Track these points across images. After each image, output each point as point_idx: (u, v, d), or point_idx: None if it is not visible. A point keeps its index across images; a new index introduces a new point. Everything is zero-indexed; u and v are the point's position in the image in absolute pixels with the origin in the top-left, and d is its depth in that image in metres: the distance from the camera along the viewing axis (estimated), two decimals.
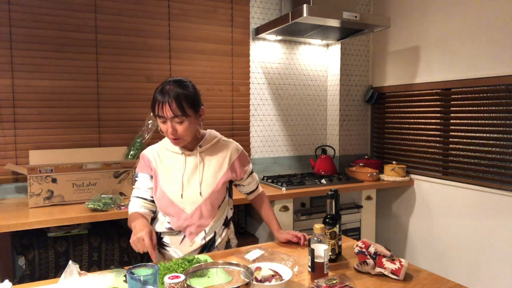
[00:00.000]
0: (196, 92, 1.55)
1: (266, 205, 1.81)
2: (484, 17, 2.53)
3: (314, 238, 1.32)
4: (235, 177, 1.68)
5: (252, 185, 1.78)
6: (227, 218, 1.69)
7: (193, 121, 1.52)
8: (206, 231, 1.60)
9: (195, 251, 1.61)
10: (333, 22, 2.59)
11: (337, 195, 1.52)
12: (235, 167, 1.66)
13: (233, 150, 1.66)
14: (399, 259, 1.36)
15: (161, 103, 1.46)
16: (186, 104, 1.47)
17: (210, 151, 1.63)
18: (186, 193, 1.57)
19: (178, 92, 1.46)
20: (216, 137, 1.67)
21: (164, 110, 1.46)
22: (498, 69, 2.46)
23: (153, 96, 1.51)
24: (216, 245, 1.63)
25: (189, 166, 1.60)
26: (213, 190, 1.59)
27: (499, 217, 2.49)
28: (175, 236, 1.61)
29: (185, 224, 1.58)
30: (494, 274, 2.54)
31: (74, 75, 2.44)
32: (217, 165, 1.62)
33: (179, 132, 1.50)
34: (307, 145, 3.33)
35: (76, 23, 2.43)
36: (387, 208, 3.31)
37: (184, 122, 1.48)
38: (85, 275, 1.27)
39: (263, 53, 3.07)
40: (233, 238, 1.75)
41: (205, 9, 2.79)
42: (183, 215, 1.58)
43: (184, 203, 1.57)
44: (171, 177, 1.59)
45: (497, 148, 2.51)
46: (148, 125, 2.51)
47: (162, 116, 1.48)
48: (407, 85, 3.09)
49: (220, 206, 1.64)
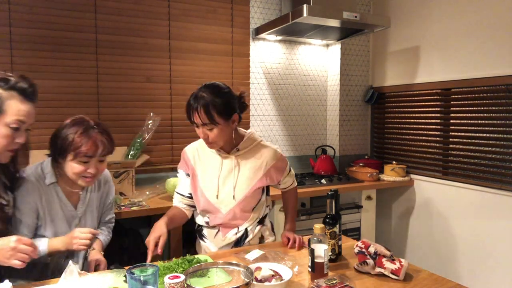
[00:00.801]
0: (229, 100, 1.52)
1: (290, 202, 1.83)
2: (484, 17, 2.53)
3: (314, 238, 1.32)
4: (270, 183, 1.69)
5: (289, 182, 1.80)
6: (263, 216, 1.72)
7: (224, 128, 1.52)
8: (238, 228, 1.65)
9: (228, 245, 1.65)
10: (333, 22, 2.58)
11: (337, 195, 1.52)
12: (271, 174, 1.66)
13: (271, 157, 1.65)
14: (399, 259, 1.36)
15: (192, 109, 1.49)
16: (215, 112, 1.46)
17: (247, 155, 1.63)
18: (221, 195, 1.61)
19: (208, 100, 1.46)
20: (255, 141, 1.66)
21: (195, 117, 1.49)
22: (498, 69, 2.46)
23: (188, 100, 1.52)
24: (248, 240, 1.67)
25: (225, 169, 1.62)
26: (246, 195, 1.61)
27: (499, 217, 2.49)
28: (211, 230, 1.67)
29: (220, 221, 1.63)
30: (494, 274, 2.54)
31: (74, 75, 2.44)
32: (252, 171, 1.62)
33: (210, 138, 1.52)
34: (307, 145, 3.33)
35: (76, 23, 2.42)
36: (387, 208, 3.31)
37: (214, 129, 1.50)
38: (85, 275, 1.27)
39: (263, 53, 3.07)
40: (269, 235, 1.76)
41: (205, 9, 2.79)
42: (219, 214, 1.63)
43: (219, 204, 1.62)
44: (208, 177, 1.63)
45: (497, 148, 2.50)
46: (148, 125, 2.51)
47: (194, 122, 1.51)
48: (407, 85, 3.09)
49: (254, 208, 1.66)
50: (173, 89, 2.72)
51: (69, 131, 1.47)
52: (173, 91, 2.72)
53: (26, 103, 1.34)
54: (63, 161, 1.49)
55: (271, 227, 1.80)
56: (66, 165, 1.49)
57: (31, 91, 1.36)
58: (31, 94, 1.36)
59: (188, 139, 2.71)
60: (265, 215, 1.74)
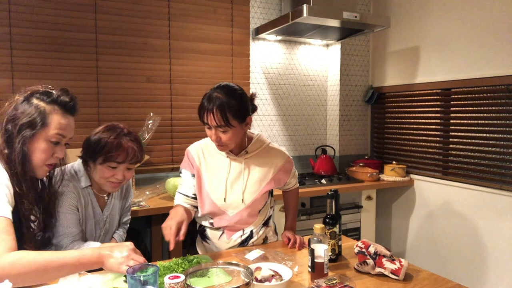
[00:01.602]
0: (243, 102, 1.49)
1: (292, 202, 1.82)
2: (484, 17, 2.53)
3: (314, 238, 1.32)
4: (277, 185, 1.69)
5: (292, 183, 1.79)
6: (268, 218, 1.72)
7: (238, 131, 1.49)
8: (244, 231, 1.64)
9: (232, 247, 1.64)
10: (333, 22, 2.58)
11: (337, 195, 1.52)
12: (279, 177, 1.65)
13: (279, 160, 1.64)
14: (399, 259, 1.36)
15: (206, 110, 1.44)
16: (230, 115, 1.43)
17: (256, 158, 1.62)
18: (229, 198, 1.59)
19: (223, 102, 1.42)
20: (264, 143, 1.64)
21: (209, 118, 1.44)
22: (498, 69, 2.46)
23: (201, 100, 1.48)
24: (252, 241, 1.66)
25: (233, 171, 1.60)
26: (255, 198, 1.60)
27: (499, 217, 2.49)
28: (215, 231, 1.65)
29: (225, 224, 1.62)
30: (494, 274, 2.54)
31: (74, 75, 2.44)
32: (261, 174, 1.61)
33: (223, 140, 1.48)
34: (307, 145, 3.33)
35: (76, 23, 2.42)
36: (387, 208, 3.31)
37: (228, 132, 1.46)
38: (85, 275, 1.27)
39: (263, 53, 3.07)
40: (272, 235, 1.76)
41: (205, 9, 2.79)
42: (225, 216, 1.61)
43: (226, 207, 1.60)
44: (215, 179, 1.60)
45: (497, 148, 2.50)
46: (148, 125, 2.50)
47: (207, 123, 1.47)
48: (407, 85, 3.09)
49: (261, 210, 1.66)
50: (173, 89, 2.72)
51: (103, 135, 1.50)
52: (173, 91, 2.72)
53: (67, 117, 1.34)
54: (93, 164, 1.53)
55: (274, 227, 1.80)
56: (95, 169, 1.53)
57: (72, 105, 1.36)
58: (71, 108, 1.36)
59: (188, 139, 2.73)
60: (270, 216, 1.74)
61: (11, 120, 1.27)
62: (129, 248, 1.21)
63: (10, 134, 1.26)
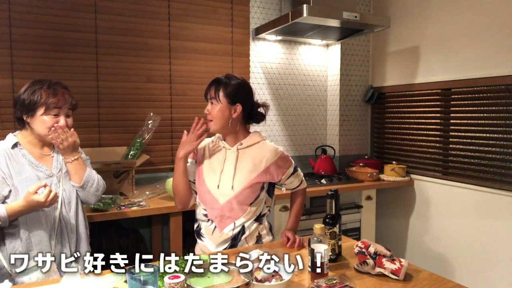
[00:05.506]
0: (240, 88, 1.67)
1: (297, 203, 1.88)
2: (484, 17, 2.53)
3: (314, 238, 1.32)
4: (271, 180, 1.72)
5: (295, 184, 1.83)
6: (261, 214, 1.74)
7: (224, 110, 1.64)
8: (235, 224, 1.67)
9: (225, 241, 1.67)
10: (333, 22, 2.59)
11: (337, 195, 1.52)
12: (271, 170, 1.69)
13: (271, 154, 1.70)
14: (399, 259, 1.36)
15: (209, 86, 1.69)
16: (223, 91, 1.64)
17: (249, 151, 1.70)
18: (221, 185, 1.67)
19: (222, 80, 1.66)
20: (259, 139, 1.73)
21: (209, 91, 1.68)
22: (498, 69, 2.46)
23: None
24: (245, 237, 1.68)
25: (228, 161, 1.70)
26: (244, 187, 1.65)
27: (499, 217, 2.49)
28: (208, 226, 1.70)
29: (216, 213, 1.67)
30: (494, 274, 2.54)
31: (74, 75, 2.44)
32: (252, 165, 1.67)
33: (210, 113, 1.67)
34: (307, 145, 3.33)
35: (76, 23, 2.42)
36: (387, 208, 3.31)
37: (216, 106, 1.64)
38: (86, 276, 1.27)
39: (263, 53, 3.07)
40: (266, 234, 1.76)
41: (205, 9, 2.79)
42: (216, 204, 1.67)
43: (218, 194, 1.67)
44: (211, 167, 1.71)
45: (497, 148, 2.51)
46: (148, 125, 2.50)
47: (207, 98, 1.69)
48: (407, 85, 3.09)
49: (252, 203, 1.69)
50: (173, 89, 2.72)
51: (34, 88, 1.56)
52: (173, 91, 2.72)
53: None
54: (32, 119, 1.56)
55: (269, 228, 1.81)
56: (36, 122, 1.56)
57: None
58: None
59: None
60: (263, 214, 1.75)
61: None
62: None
63: None
